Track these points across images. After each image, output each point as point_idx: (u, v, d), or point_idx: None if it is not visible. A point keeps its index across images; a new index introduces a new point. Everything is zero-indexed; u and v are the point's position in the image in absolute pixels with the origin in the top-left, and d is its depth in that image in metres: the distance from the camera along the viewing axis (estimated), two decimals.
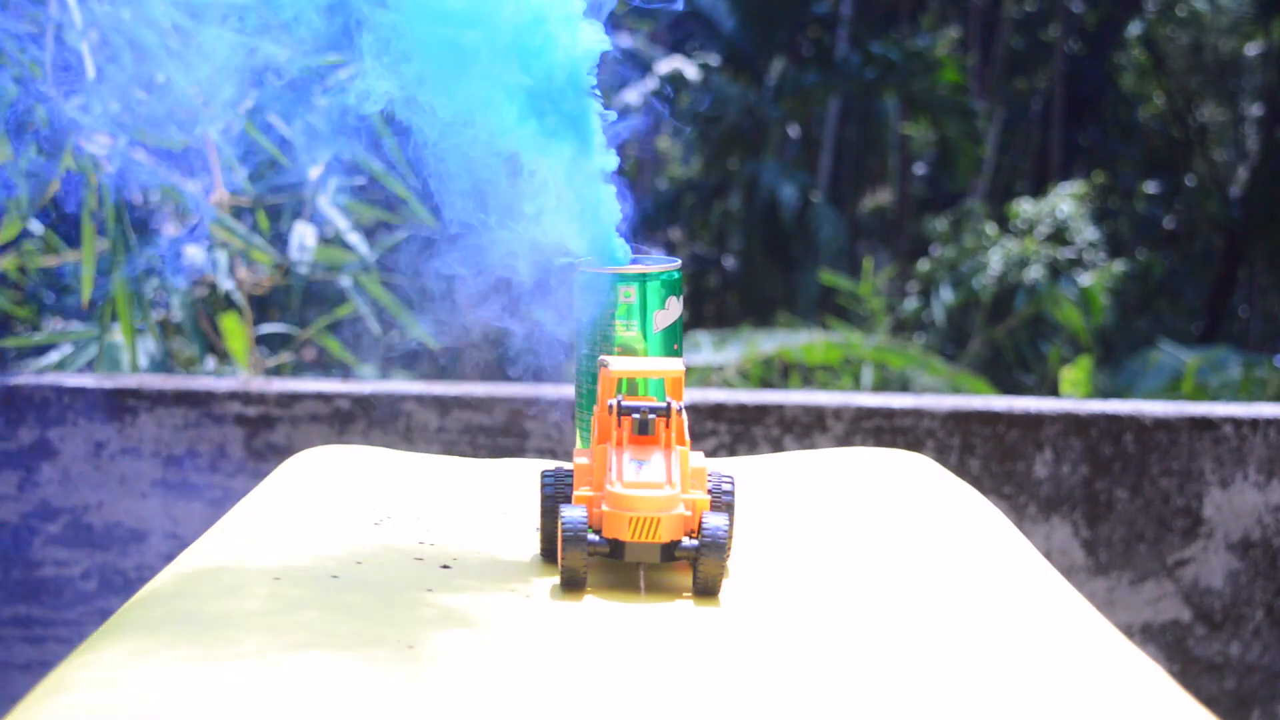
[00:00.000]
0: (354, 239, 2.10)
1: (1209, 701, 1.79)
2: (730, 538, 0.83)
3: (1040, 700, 0.66)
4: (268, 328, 2.35)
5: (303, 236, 2.05)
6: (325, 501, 0.99)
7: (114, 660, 0.68)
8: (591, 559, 0.81)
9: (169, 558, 1.75)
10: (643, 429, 0.83)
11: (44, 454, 1.78)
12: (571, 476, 0.86)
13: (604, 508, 0.81)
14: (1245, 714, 1.81)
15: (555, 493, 0.85)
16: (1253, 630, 1.81)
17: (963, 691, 0.67)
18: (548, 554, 0.87)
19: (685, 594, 0.82)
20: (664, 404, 0.84)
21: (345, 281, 2.16)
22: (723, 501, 0.85)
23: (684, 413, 0.85)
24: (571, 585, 0.81)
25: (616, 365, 0.86)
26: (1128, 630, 1.78)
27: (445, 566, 0.86)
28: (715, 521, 0.80)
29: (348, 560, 0.86)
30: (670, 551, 0.81)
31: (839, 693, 0.67)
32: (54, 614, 1.78)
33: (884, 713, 0.64)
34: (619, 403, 0.84)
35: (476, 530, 0.94)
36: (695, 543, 0.80)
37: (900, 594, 0.82)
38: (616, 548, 0.81)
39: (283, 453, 1.75)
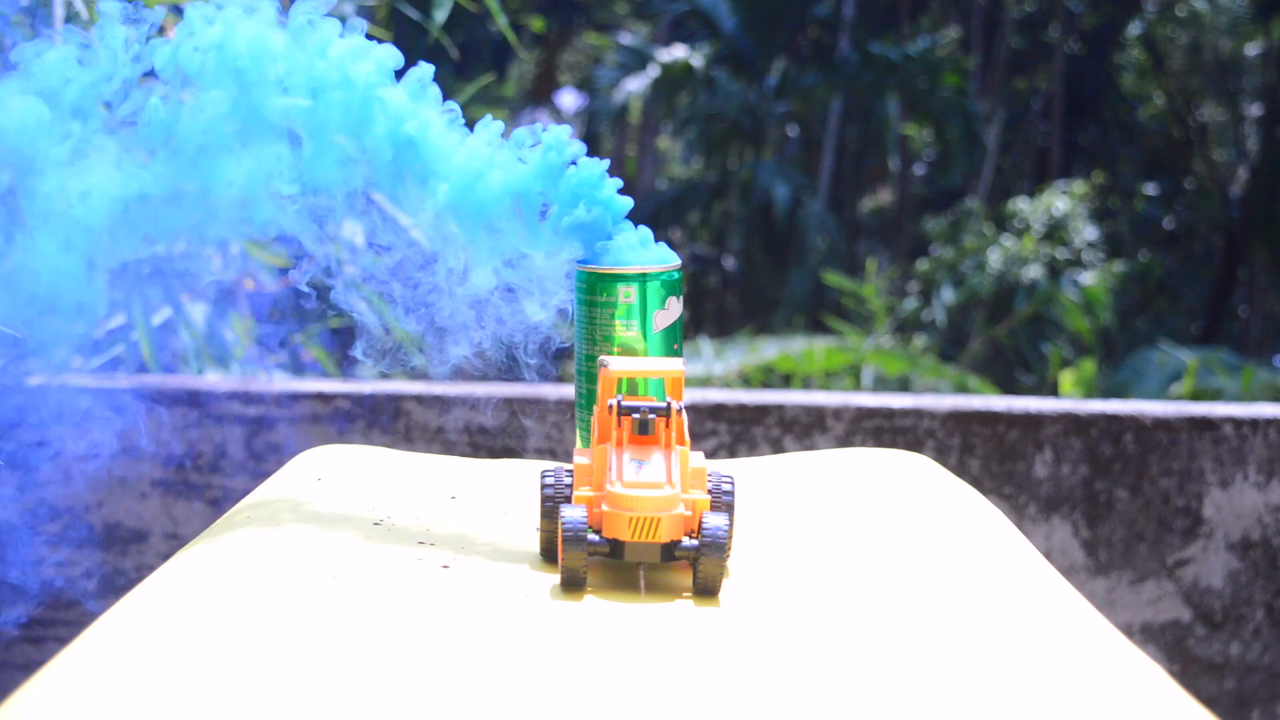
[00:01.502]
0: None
1: (1209, 701, 1.79)
2: (730, 538, 0.83)
3: (1040, 700, 0.66)
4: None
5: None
6: (325, 501, 0.99)
7: (108, 658, 0.68)
8: (592, 559, 0.81)
9: (169, 558, 1.75)
10: (643, 429, 0.83)
11: (44, 454, 1.78)
12: (571, 476, 0.86)
13: (604, 508, 0.81)
14: (1245, 714, 1.81)
15: (555, 493, 0.85)
16: (1253, 630, 1.81)
17: (963, 692, 0.67)
18: (548, 554, 0.87)
19: (685, 594, 0.81)
20: (664, 404, 0.84)
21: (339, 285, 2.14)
22: (723, 501, 0.85)
23: (684, 412, 0.84)
24: (572, 585, 0.81)
25: (616, 365, 0.86)
26: (1128, 630, 1.78)
27: (445, 566, 0.86)
28: (715, 521, 0.80)
29: (348, 560, 0.86)
30: (670, 551, 0.80)
31: (839, 693, 0.67)
32: (54, 614, 1.78)
33: (884, 713, 0.64)
34: (619, 403, 0.84)
35: (476, 530, 0.94)
36: (695, 543, 0.80)
37: (900, 594, 0.81)
38: (616, 548, 0.81)
39: (283, 453, 1.75)
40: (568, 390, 1.80)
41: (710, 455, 1.76)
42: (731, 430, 1.78)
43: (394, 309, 0.96)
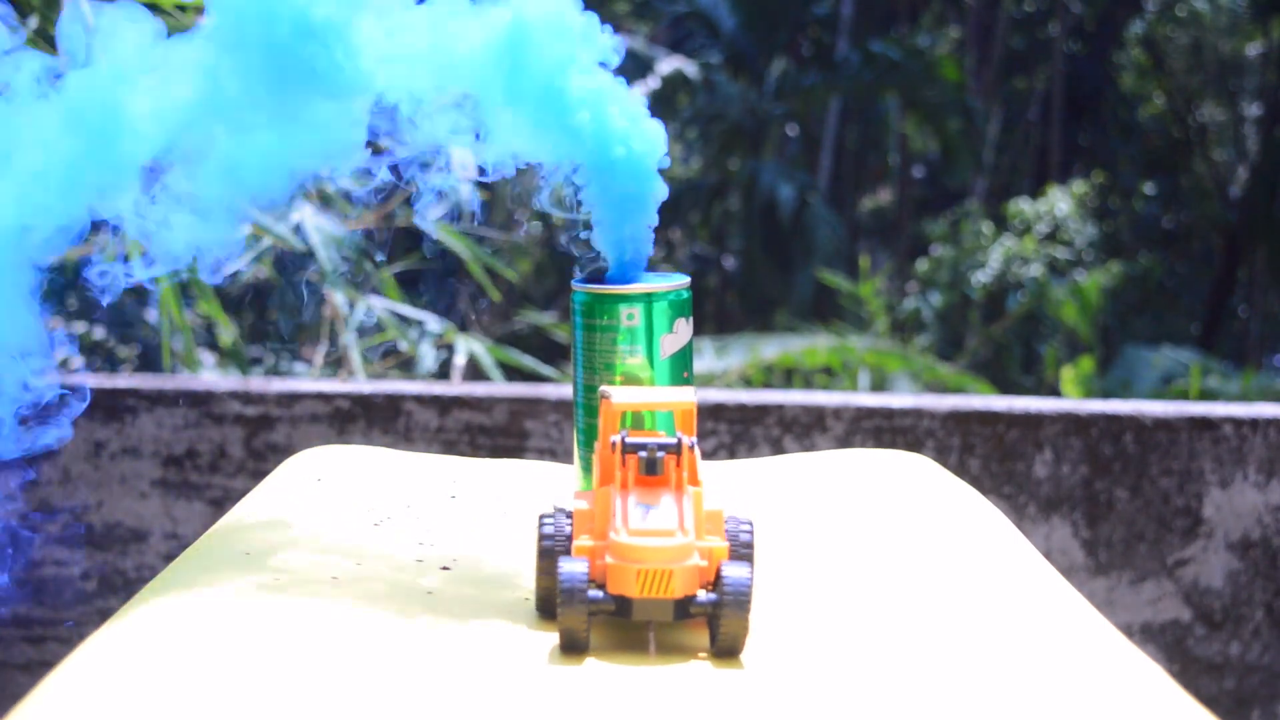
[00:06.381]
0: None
1: (1209, 701, 1.79)
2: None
3: (1040, 700, 0.66)
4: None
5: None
6: (325, 501, 0.99)
7: (112, 660, 0.68)
8: (594, 617, 0.71)
9: (169, 558, 1.76)
10: (650, 468, 0.72)
11: (44, 454, 1.78)
12: (571, 522, 0.75)
13: (608, 559, 0.71)
14: (1245, 714, 1.81)
15: (555, 544, 0.75)
16: (1253, 630, 1.81)
17: (963, 692, 0.67)
18: (544, 610, 0.77)
19: (702, 654, 0.72)
20: (674, 440, 0.73)
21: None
22: (742, 550, 0.75)
23: (696, 449, 0.74)
24: (571, 649, 0.71)
25: (619, 397, 0.76)
26: (1128, 630, 1.78)
27: (445, 567, 0.86)
28: (736, 573, 0.70)
29: (347, 561, 0.86)
30: (685, 608, 0.70)
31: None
32: (54, 614, 1.78)
33: (886, 715, 0.65)
34: (623, 439, 0.73)
35: (476, 530, 0.94)
36: (714, 597, 0.70)
37: (906, 603, 0.81)
38: (623, 605, 0.70)
39: (283, 453, 1.75)
40: (567, 390, 1.80)
41: (710, 455, 1.76)
42: (731, 430, 1.78)
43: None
